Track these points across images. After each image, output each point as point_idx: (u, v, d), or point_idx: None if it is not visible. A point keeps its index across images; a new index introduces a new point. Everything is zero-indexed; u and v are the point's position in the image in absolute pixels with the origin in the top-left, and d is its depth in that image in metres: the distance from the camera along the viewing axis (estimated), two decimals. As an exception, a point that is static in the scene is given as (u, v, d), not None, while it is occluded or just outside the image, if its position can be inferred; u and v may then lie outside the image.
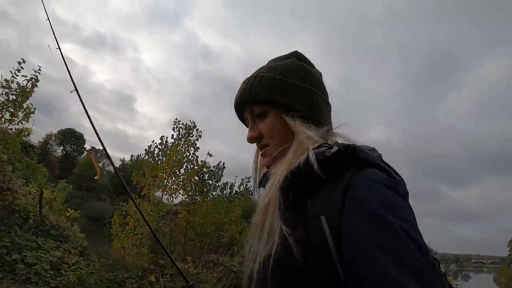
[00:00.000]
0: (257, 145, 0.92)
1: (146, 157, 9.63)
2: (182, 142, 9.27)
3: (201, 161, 9.15)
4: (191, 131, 9.40)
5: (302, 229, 0.67)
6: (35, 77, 6.94)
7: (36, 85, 6.85)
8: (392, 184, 0.65)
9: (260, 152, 0.91)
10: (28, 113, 7.23)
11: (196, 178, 8.65)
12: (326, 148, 0.74)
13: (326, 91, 0.93)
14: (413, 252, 0.55)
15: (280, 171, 0.76)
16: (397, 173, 0.72)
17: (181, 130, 9.40)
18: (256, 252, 0.74)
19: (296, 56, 0.94)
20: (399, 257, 0.54)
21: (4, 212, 5.48)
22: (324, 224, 0.64)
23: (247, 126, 0.94)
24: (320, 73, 0.96)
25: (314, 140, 0.79)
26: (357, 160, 0.69)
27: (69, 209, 6.59)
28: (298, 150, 0.78)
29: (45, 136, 42.49)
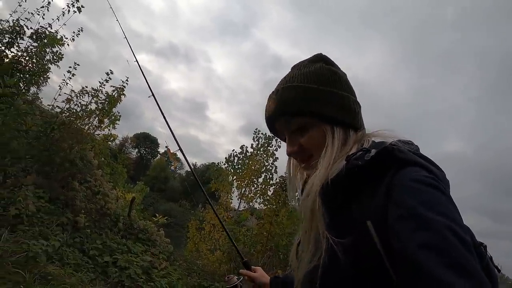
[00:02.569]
0: (295, 158, 0.91)
1: (225, 165, 9.88)
2: (261, 152, 9.44)
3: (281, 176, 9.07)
4: (270, 141, 9.50)
5: (350, 235, 0.67)
6: (123, 87, 7.18)
7: (124, 95, 7.08)
8: (433, 181, 0.63)
9: (302, 165, 0.89)
10: (114, 120, 7.53)
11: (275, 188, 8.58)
12: (363, 152, 0.72)
13: (353, 90, 0.90)
14: (457, 249, 0.53)
15: (317, 179, 0.75)
16: (437, 166, 0.71)
17: (260, 140, 9.60)
18: (302, 261, 0.75)
19: (323, 60, 0.90)
20: (443, 255, 0.53)
21: (96, 215, 5.67)
22: (371, 229, 0.64)
23: (279, 138, 0.94)
24: (345, 74, 0.92)
25: (349, 147, 0.80)
26: (396, 161, 0.68)
27: (157, 214, 6.62)
28: (332, 158, 0.78)
29: (122, 139, 45.56)
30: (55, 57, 6.71)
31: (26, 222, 4.61)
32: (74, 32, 7.13)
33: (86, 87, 7.33)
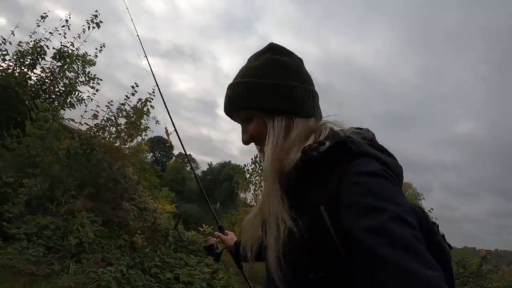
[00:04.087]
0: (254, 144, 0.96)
1: (252, 166, 9.83)
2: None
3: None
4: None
5: (307, 218, 0.72)
6: (150, 99, 7.02)
7: (152, 107, 6.91)
8: (382, 172, 0.68)
9: (258, 149, 0.96)
10: (142, 130, 7.38)
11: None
12: (318, 144, 0.75)
13: (308, 78, 0.92)
14: (401, 229, 0.58)
15: (266, 167, 0.82)
16: (389, 154, 0.78)
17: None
18: (268, 244, 0.79)
19: (270, 51, 0.93)
20: (388, 235, 0.57)
21: (149, 232, 5.57)
22: (324, 213, 0.69)
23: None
24: (300, 60, 0.95)
25: (302, 134, 0.84)
26: (349, 152, 0.72)
27: (204, 225, 6.53)
28: (275, 146, 0.83)
29: (136, 143, 45.49)
30: (87, 78, 6.52)
31: (88, 250, 4.52)
32: (96, 49, 6.95)
33: (111, 101, 7.20)
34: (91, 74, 6.57)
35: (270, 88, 0.86)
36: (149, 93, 7.11)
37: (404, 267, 0.53)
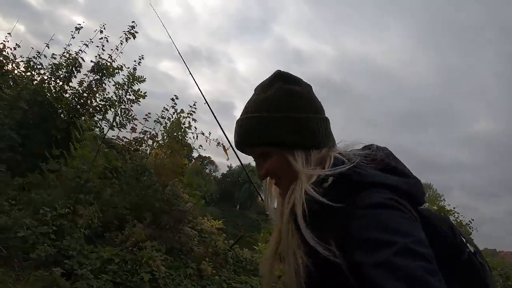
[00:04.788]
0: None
1: None
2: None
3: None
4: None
5: (318, 252, 0.71)
6: (192, 112, 6.57)
7: (195, 120, 6.47)
8: (388, 202, 0.66)
9: (274, 183, 0.92)
10: (187, 149, 6.94)
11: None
12: (321, 180, 0.76)
13: (320, 106, 0.90)
14: (408, 261, 0.56)
15: (289, 205, 0.80)
16: (403, 172, 0.76)
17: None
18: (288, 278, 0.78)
19: (281, 80, 0.89)
20: (395, 270, 0.56)
21: (212, 256, 5.15)
22: (334, 248, 0.68)
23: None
24: (310, 87, 0.92)
25: (313, 176, 0.80)
26: (353, 185, 0.71)
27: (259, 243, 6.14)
28: (301, 191, 0.79)
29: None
30: (136, 96, 6.02)
31: (162, 286, 4.09)
32: (135, 61, 6.46)
33: (149, 113, 6.74)
34: (140, 92, 6.06)
35: (287, 122, 0.83)
36: (190, 106, 6.66)
37: None
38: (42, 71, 6.19)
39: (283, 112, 0.83)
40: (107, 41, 6.22)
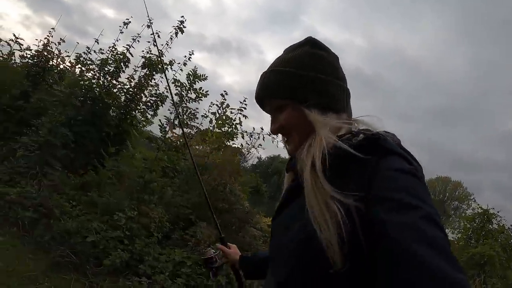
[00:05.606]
0: (281, 135, 0.93)
1: None
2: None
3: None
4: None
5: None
6: (242, 108, 6.23)
7: (245, 116, 6.14)
8: (412, 170, 0.67)
9: (285, 140, 0.93)
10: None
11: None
12: (352, 135, 0.75)
13: (343, 75, 0.92)
14: (433, 229, 0.56)
15: (309, 156, 0.76)
16: (415, 159, 0.74)
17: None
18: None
19: (309, 44, 0.91)
20: (421, 233, 0.55)
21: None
22: (352, 206, 0.65)
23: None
24: (336, 57, 0.94)
25: (333, 126, 0.81)
26: (380, 149, 0.70)
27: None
28: (321, 140, 0.77)
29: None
30: (199, 95, 5.69)
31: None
32: (185, 56, 6.12)
33: (196, 108, 6.42)
34: (202, 90, 5.73)
35: (309, 80, 0.84)
36: (241, 102, 6.31)
37: (439, 268, 0.51)
38: (91, 67, 5.89)
39: (305, 70, 0.85)
40: (158, 36, 5.89)
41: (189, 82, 5.58)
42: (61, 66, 6.11)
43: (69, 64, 6.17)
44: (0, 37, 6.03)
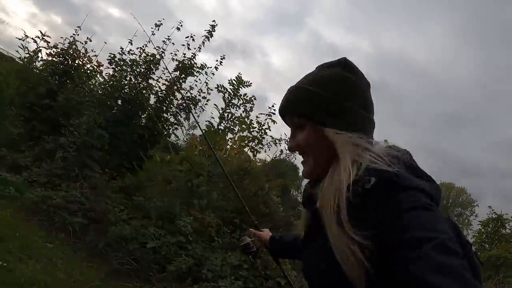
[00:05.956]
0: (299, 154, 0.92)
1: None
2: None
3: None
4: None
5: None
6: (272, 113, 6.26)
7: (274, 121, 6.18)
8: (426, 205, 0.67)
9: (302, 161, 0.92)
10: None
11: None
12: (364, 179, 0.72)
13: (368, 104, 0.88)
14: (447, 257, 0.57)
15: (332, 191, 0.76)
16: (428, 177, 0.77)
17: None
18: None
19: (341, 65, 0.87)
20: (436, 263, 0.56)
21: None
22: (372, 246, 0.67)
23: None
24: (368, 84, 0.91)
25: (354, 146, 0.79)
26: (394, 186, 0.70)
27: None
28: (345, 170, 0.76)
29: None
30: (243, 101, 5.62)
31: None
32: (217, 61, 6.09)
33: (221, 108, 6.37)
34: (246, 96, 5.68)
35: (332, 103, 0.82)
36: (269, 107, 6.31)
37: None
38: (124, 67, 5.72)
39: (329, 93, 0.83)
40: (193, 40, 5.81)
41: (233, 88, 5.54)
42: (88, 66, 5.86)
43: (96, 64, 5.94)
44: (26, 34, 5.70)
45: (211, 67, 6.02)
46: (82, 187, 4.51)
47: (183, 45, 5.90)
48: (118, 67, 5.66)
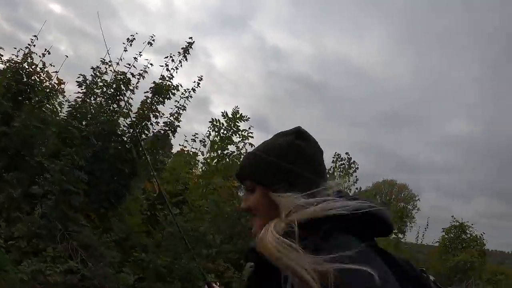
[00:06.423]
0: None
1: None
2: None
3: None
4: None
5: None
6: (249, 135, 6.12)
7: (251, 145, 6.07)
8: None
9: (251, 221, 0.96)
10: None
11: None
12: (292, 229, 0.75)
13: (319, 170, 0.91)
14: None
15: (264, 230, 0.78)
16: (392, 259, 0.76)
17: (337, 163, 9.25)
18: None
19: (295, 134, 0.93)
20: None
21: None
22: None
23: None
24: (320, 151, 0.95)
25: (297, 206, 0.79)
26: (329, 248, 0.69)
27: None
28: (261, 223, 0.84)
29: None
30: (240, 137, 5.12)
31: None
32: (194, 81, 5.57)
33: (196, 134, 5.98)
34: (246, 133, 5.25)
35: (281, 169, 0.87)
36: (247, 130, 6.11)
37: None
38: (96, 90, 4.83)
39: (276, 158, 0.88)
40: (172, 60, 5.20)
41: (229, 122, 5.16)
42: (47, 83, 4.75)
43: (57, 81, 4.84)
44: None
45: (189, 89, 5.52)
46: (72, 249, 3.83)
47: (161, 65, 5.25)
48: (89, 90, 4.75)
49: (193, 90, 5.55)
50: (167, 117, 5.32)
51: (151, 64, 5.24)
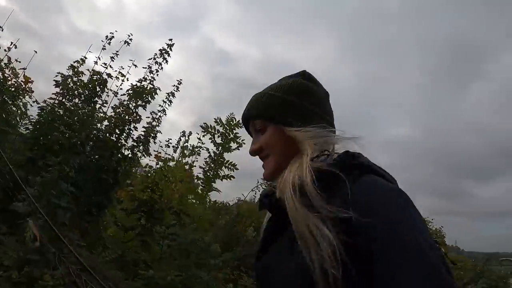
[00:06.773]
0: (260, 158, 0.90)
1: None
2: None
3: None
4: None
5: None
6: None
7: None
8: (394, 187, 0.69)
9: (262, 165, 0.90)
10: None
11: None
12: (326, 156, 0.77)
13: (327, 110, 0.91)
14: (422, 246, 0.57)
15: (292, 173, 0.74)
16: (390, 176, 0.74)
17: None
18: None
19: (302, 75, 0.93)
20: (418, 249, 0.57)
21: None
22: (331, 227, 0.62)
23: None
24: (326, 93, 0.94)
25: (317, 139, 0.78)
26: (357, 166, 0.70)
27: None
28: (281, 156, 0.82)
29: None
30: (236, 144, 4.84)
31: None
32: (173, 85, 5.25)
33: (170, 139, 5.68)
34: (239, 139, 5.00)
35: (293, 105, 0.84)
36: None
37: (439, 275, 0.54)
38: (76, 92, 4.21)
39: (290, 96, 0.85)
40: (161, 65, 4.85)
41: (224, 129, 4.97)
42: (12, 81, 3.89)
43: (24, 80, 3.98)
44: None
45: (168, 92, 5.21)
46: (74, 275, 3.29)
47: (145, 67, 4.85)
48: (66, 90, 4.10)
49: (172, 94, 5.24)
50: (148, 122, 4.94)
51: (135, 65, 4.80)
